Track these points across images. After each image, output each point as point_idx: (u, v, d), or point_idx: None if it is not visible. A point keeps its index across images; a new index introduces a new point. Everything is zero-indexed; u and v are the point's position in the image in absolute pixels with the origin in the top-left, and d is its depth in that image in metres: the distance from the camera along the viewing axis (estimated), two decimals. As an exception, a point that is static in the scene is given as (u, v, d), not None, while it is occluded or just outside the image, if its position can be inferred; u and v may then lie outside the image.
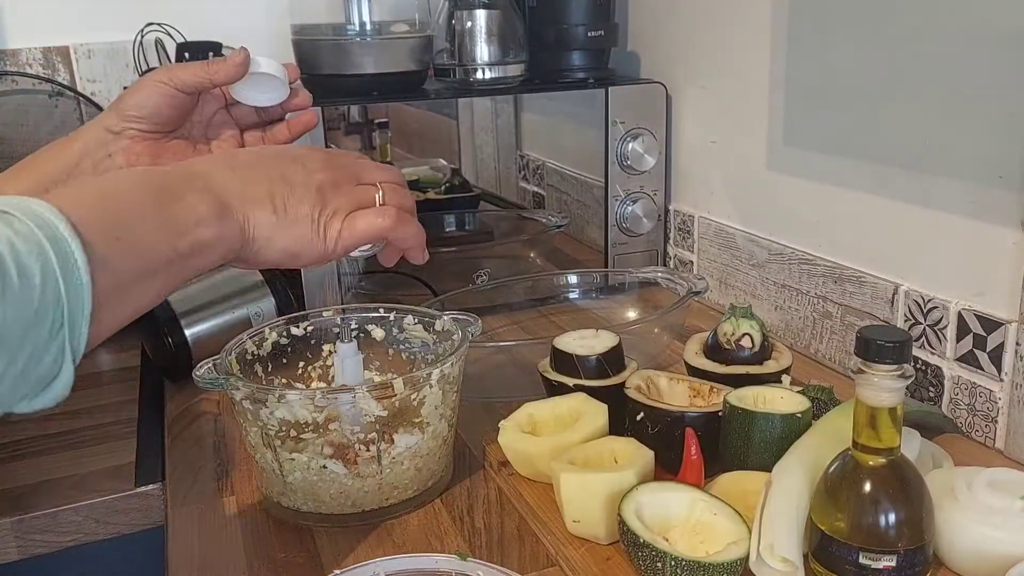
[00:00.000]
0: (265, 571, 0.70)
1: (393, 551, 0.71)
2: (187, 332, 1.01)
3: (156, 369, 1.10)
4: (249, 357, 0.82)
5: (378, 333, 0.87)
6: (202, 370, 0.74)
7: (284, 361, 0.86)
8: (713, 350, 0.90)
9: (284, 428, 0.74)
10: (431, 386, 0.75)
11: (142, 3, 1.37)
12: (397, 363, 0.89)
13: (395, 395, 0.73)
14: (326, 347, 0.88)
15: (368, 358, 0.87)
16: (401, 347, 0.87)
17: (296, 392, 0.74)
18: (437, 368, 0.75)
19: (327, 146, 1.12)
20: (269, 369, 0.84)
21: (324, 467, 0.74)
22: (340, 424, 0.74)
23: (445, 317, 0.84)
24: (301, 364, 0.87)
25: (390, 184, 0.69)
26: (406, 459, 0.76)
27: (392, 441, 0.75)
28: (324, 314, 0.88)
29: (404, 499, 0.77)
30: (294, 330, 0.86)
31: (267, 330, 0.84)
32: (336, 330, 0.86)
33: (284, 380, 0.86)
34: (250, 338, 0.82)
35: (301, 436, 0.75)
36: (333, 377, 0.87)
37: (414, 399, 0.75)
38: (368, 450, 0.75)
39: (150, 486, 0.85)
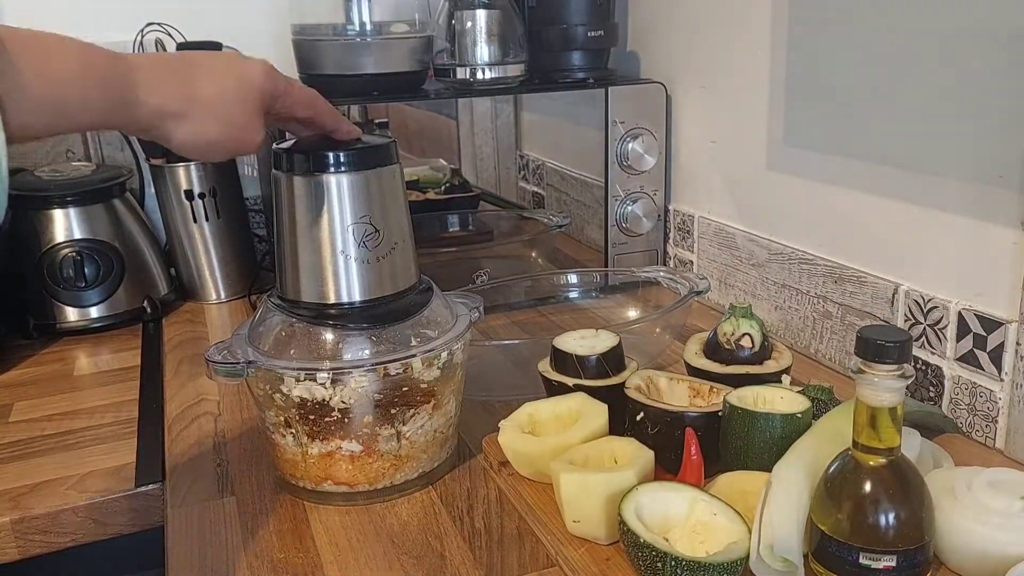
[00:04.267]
0: (265, 571, 0.70)
1: (393, 551, 0.72)
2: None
3: (156, 369, 1.11)
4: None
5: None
6: (217, 357, 0.75)
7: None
8: (713, 350, 0.90)
9: (304, 407, 0.76)
10: (444, 365, 0.79)
11: (142, 3, 1.37)
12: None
13: (413, 372, 0.76)
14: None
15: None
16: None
17: (317, 372, 0.74)
18: (447, 349, 0.78)
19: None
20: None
21: (340, 447, 0.77)
22: (360, 403, 0.76)
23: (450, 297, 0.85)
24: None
25: None
26: (421, 435, 0.79)
27: (409, 418, 0.78)
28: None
29: (419, 474, 0.80)
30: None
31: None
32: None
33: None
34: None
35: (322, 416, 0.76)
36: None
37: (429, 377, 0.78)
38: (389, 427, 0.77)
39: (150, 486, 0.85)
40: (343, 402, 0.75)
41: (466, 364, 0.84)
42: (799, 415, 0.74)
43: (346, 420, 0.76)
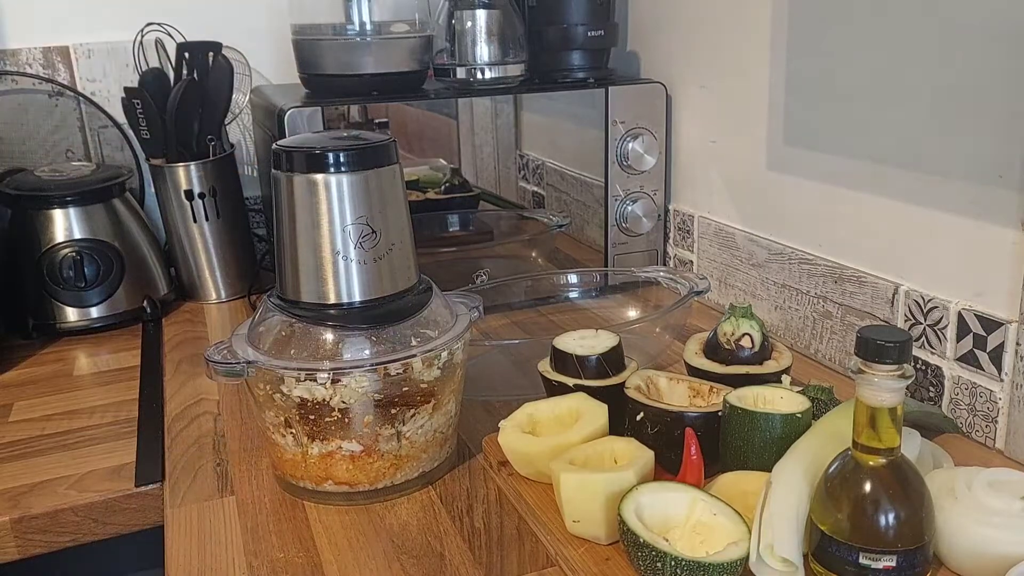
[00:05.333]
0: (265, 571, 0.70)
1: (393, 551, 0.72)
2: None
3: (156, 369, 1.10)
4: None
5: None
6: (217, 357, 0.75)
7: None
8: (713, 350, 0.90)
9: (304, 407, 0.76)
10: (444, 365, 0.79)
11: (142, 3, 1.37)
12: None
13: (413, 372, 0.76)
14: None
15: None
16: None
17: (317, 372, 0.74)
18: (447, 349, 0.78)
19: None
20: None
21: (340, 447, 0.77)
22: (360, 403, 0.76)
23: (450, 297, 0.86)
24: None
25: None
26: (421, 435, 0.79)
27: (409, 418, 0.78)
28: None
29: (419, 474, 0.81)
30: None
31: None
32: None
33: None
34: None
35: (322, 416, 0.76)
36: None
37: (429, 377, 0.78)
38: (389, 427, 0.77)
39: (150, 486, 0.85)
40: (343, 402, 0.75)
41: (466, 364, 0.84)
42: (799, 415, 0.74)
43: (346, 420, 0.76)
